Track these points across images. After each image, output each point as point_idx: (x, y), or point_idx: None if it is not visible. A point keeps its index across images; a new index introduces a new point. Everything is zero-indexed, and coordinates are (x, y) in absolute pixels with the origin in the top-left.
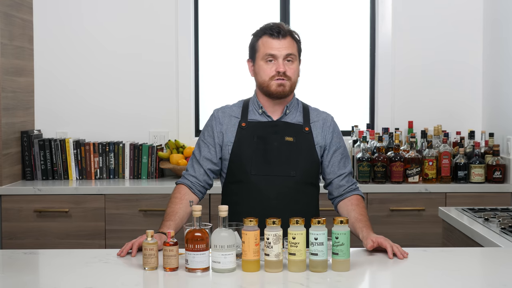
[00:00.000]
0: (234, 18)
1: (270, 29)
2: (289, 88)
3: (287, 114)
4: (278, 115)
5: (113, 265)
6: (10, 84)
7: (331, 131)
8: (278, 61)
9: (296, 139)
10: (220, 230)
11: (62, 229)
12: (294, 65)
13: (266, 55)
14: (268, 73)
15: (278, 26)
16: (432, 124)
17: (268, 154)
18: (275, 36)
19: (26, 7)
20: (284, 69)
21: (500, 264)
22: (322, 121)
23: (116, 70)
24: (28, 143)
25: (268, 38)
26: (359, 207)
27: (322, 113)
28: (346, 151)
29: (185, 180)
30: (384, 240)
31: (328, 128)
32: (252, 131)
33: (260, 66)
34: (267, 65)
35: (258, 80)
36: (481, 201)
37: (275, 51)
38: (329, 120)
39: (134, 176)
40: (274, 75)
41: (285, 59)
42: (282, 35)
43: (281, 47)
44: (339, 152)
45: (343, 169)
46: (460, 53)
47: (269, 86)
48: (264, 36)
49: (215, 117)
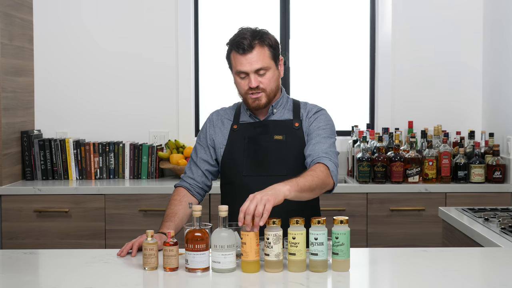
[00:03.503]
0: (234, 18)
1: (237, 44)
2: (266, 99)
3: (274, 113)
4: (264, 115)
5: (113, 265)
6: (10, 84)
7: (312, 116)
8: (250, 77)
9: (285, 137)
10: (220, 230)
11: (62, 229)
12: (267, 75)
13: (238, 71)
14: (243, 88)
15: (242, 41)
16: (432, 124)
17: (258, 155)
18: (241, 52)
19: (26, 7)
20: (256, 83)
21: (500, 264)
22: (306, 112)
23: (116, 70)
24: (28, 143)
25: (236, 54)
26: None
27: (310, 105)
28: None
29: (184, 183)
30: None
31: (312, 117)
32: (243, 132)
33: (236, 80)
34: (242, 80)
35: (237, 91)
36: (481, 201)
37: (244, 68)
38: (314, 111)
39: (134, 176)
40: (248, 90)
41: (256, 72)
42: (247, 50)
43: (250, 62)
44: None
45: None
46: (460, 53)
47: (246, 99)
48: (232, 52)
49: (209, 120)
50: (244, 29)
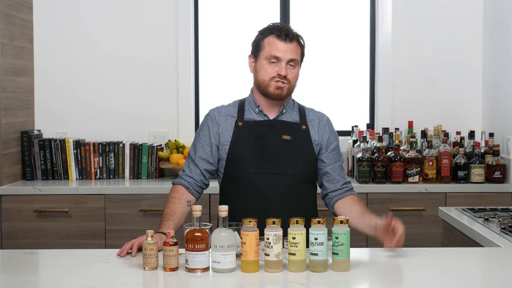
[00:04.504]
0: (234, 18)
1: (279, 30)
2: (287, 92)
3: (284, 114)
4: (275, 114)
5: (113, 265)
6: (10, 84)
7: (327, 130)
8: (281, 64)
9: (293, 138)
10: (220, 230)
11: (62, 229)
12: (295, 69)
13: (271, 56)
14: (269, 73)
15: (287, 29)
16: (432, 124)
17: (265, 153)
18: (283, 38)
19: (26, 7)
20: (286, 72)
21: (500, 264)
22: (317, 119)
23: (116, 70)
24: (28, 143)
25: (275, 39)
26: (361, 203)
27: (317, 112)
28: (340, 152)
29: (182, 181)
30: (399, 224)
31: (324, 127)
32: (249, 130)
33: (262, 65)
34: (270, 65)
35: (257, 78)
36: (481, 201)
37: (280, 54)
38: (325, 120)
39: (134, 176)
40: (275, 77)
41: (288, 63)
42: (289, 39)
43: (287, 51)
44: (335, 151)
45: (339, 161)
46: (460, 53)
47: (268, 86)
48: (271, 36)
49: (211, 117)
50: (281, 23)
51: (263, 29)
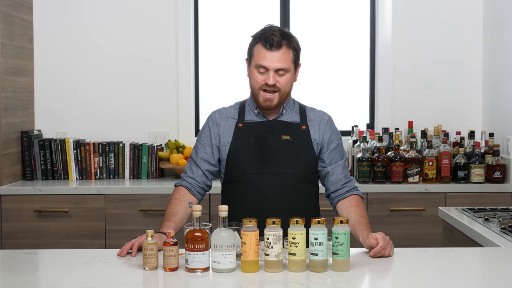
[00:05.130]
0: (234, 18)
1: (265, 39)
2: (278, 100)
3: (283, 114)
4: (274, 115)
5: (113, 265)
6: (10, 84)
7: (328, 128)
8: (269, 73)
9: (293, 138)
10: (220, 230)
11: (62, 229)
12: (285, 76)
13: (258, 65)
14: (258, 82)
15: (272, 37)
16: (432, 124)
17: (265, 153)
18: (268, 47)
19: (26, 7)
20: (273, 81)
21: (500, 264)
22: (319, 119)
23: (116, 70)
24: (28, 143)
25: (262, 48)
26: (359, 208)
27: (318, 111)
28: (343, 150)
29: (184, 182)
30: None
31: (325, 126)
32: (249, 131)
33: (252, 72)
34: (258, 74)
35: (250, 84)
36: (481, 201)
37: (267, 63)
38: (326, 118)
39: (134, 176)
40: (263, 85)
41: (276, 71)
42: (275, 47)
43: (273, 60)
44: (337, 150)
45: (341, 160)
46: (460, 53)
47: (258, 95)
48: (258, 44)
49: (212, 119)
50: (273, 26)
51: (255, 34)
